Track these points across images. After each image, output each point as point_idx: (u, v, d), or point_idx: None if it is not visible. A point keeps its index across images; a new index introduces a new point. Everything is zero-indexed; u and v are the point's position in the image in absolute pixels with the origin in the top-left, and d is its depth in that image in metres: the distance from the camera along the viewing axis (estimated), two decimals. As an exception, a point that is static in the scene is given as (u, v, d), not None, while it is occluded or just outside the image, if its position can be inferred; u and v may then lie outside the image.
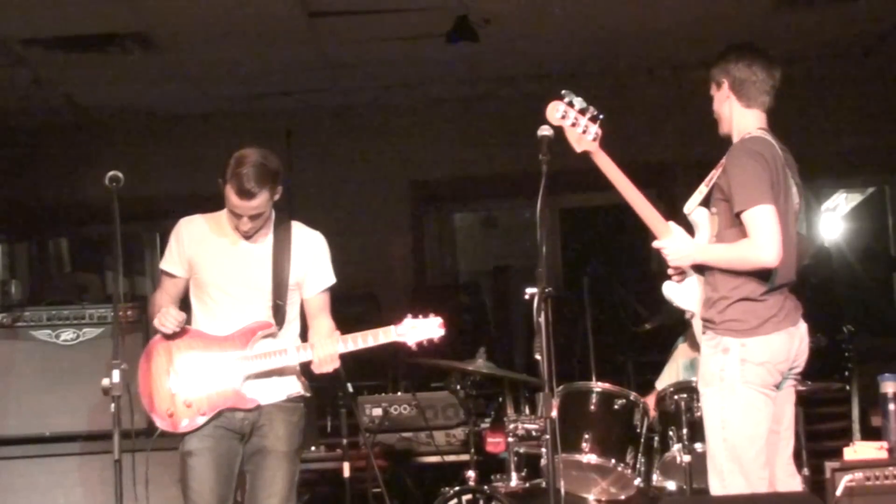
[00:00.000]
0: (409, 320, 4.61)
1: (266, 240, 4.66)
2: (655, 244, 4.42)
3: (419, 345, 4.63)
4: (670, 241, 4.40)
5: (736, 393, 4.22)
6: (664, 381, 5.82)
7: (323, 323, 4.71)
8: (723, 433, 4.25)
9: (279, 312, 4.61)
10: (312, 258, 4.70)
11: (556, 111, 4.37)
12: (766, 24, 7.20)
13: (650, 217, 4.41)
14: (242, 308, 4.59)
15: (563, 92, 4.38)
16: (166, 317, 4.51)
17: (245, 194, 4.44)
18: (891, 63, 8.47)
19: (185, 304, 4.70)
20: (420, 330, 4.62)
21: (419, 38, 7.56)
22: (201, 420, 4.53)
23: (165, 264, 4.69)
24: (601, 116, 4.36)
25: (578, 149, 4.38)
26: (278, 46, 7.64)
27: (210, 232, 4.64)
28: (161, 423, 4.53)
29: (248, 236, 4.60)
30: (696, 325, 4.48)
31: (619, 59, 8.24)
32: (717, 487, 4.29)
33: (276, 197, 4.61)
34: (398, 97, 8.80)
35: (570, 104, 4.36)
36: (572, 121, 4.35)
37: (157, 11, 6.88)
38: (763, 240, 4.17)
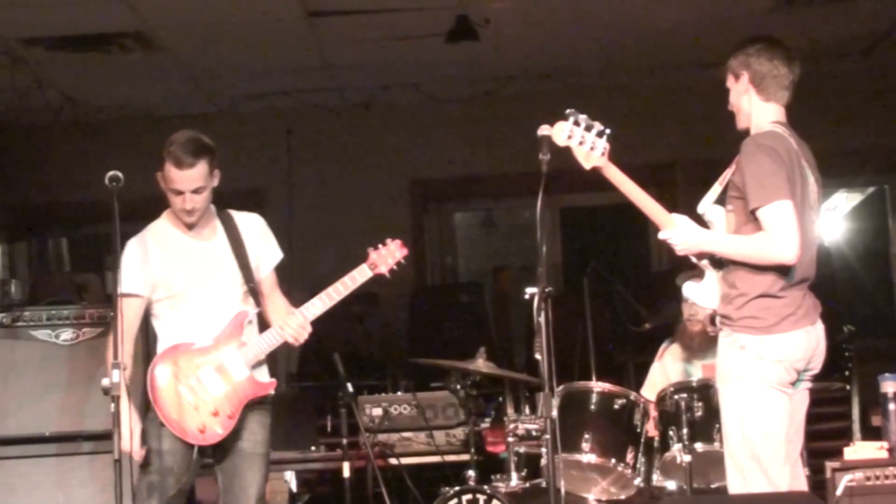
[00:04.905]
0: (373, 253, 4.73)
1: (218, 233, 4.72)
2: (661, 235, 4.38)
3: (392, 271, 4.75)
4: (676, 230, 4.36)
5: (753, 390, 4.19)
6: (654, 388, 5.81)
7: (279, 300, 4.82)
8: (741, 431, 4.22)
9: (255, 294, 4.71)
10: (262, 239, 4.80)
11: (562, 132, 4.31)
12: (766, 24, 7.18)
13: (659, 216, 4.38)
14: (218, 307, 4.64)
15: (567, 111, 4.34)
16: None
17: (183, 164, 4.54)
18: (891, 63, 8.47)
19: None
20: (388, 256, 4.75)
21: (419, 38, 7.55)
22: (231, 423, 4.58)
23: (130, 286, 4.54)
24: (608, 131, 4.33)
25: (587, 166, 4.33)
26: (278, 46, 7.64)
27: (163, 244, 4.66)
28: (196, 440, 4.53)
29: (192, 221, 4.64)
30: (718, 321, 4.44)
31: (619, 59, 8.24)
32: (737, 485, 4.26)
33: (215, 181, 4.68)
34: (398, 97, 8.80)
35: (576, 123, 4.32)
36: (579, 139, 4.32)
37: (157, 11, 6.88)
38: (782, 236, 4.14)
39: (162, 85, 8.32)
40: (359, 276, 4.71)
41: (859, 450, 5.06)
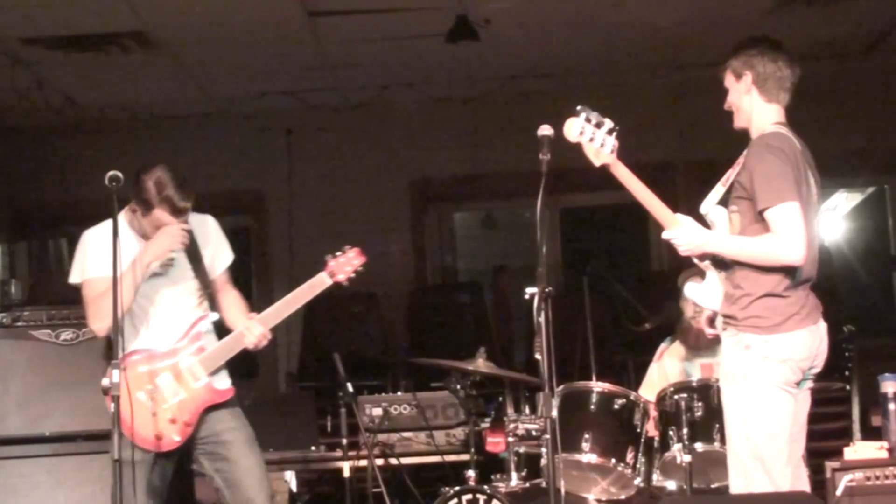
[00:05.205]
0: (331, 261, 4.77)
1: None
2: (665, 234, 4.38)
3: (349, 279, 4.77)
4: (680, 231, 4.36)
5: (759, 390, 4.19)
6: (653, 388, 5.81)
7: (232, 297, 4.83)
8: (745, 430, 4.22)
9: (211, 299, 4.72)
10: (215, 240, 4.81)
11: (573, 128, 4.33)
12: (766, 24, 7.19)
13: (664, 216, 4.39)
14: (174, 313, 4.64)
15: (578, 108, 4.35)
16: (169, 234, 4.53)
17: (181, 212, 4.54)
18: (891, 63, 8.47)
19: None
20: (346, 264, 4.77)
21: (419, 38, 7.56)
22: (189, 430, 4.57)
23: (97, 270, 4.54)
24: (617, 128, 4.34)
25: (597, 163, 4.34)
26: (278, 46, 7.64)
27: (120, 245, 4.59)
28: (152, 447, 4.53)
29: None
30: (718, 322, 4.44)
31: (619, 59, 8.24)
32: (739, 485, 4.26)
33: None
34: (398, 97, 8.80)
35: (587, 119, 4.33)
36: (590, 136, 4.33)
37: (157, 11, 6.89)
38: (790, 238, 4.15)
39: (162, 85, 8.32)
40: (318, 285, 4.73)
41: (859, 450, 5.06)
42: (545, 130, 4.22)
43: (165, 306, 4.64)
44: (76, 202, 8.78)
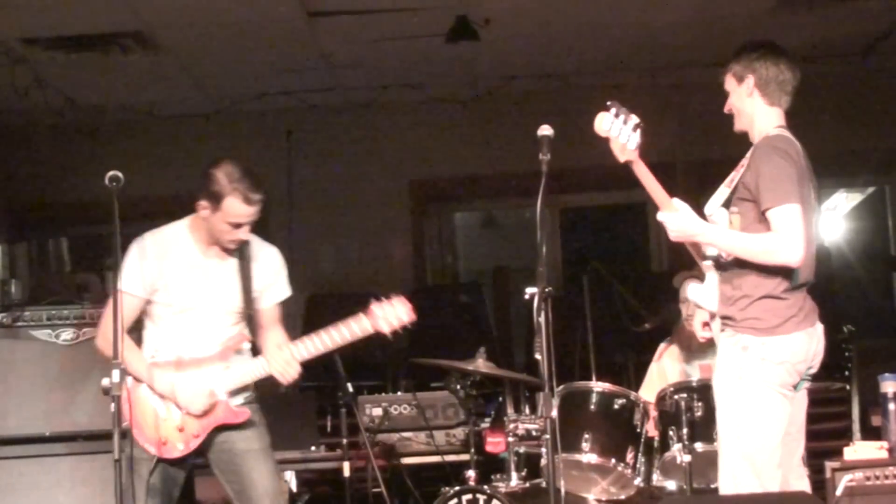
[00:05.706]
0: (376, 309, 4.58)
1: (231, 255, 4.68)
2: (659, 216, 4.39)
3: (394, 331, 4.62)
4: (674, 215, 4.35)
5: (754, 391, 4.20)
6: (653, 388, 5.81)
7: (277, 333, 4.76)
8: (737, 431, 4.23)
9: (250, 322, 4.70)
10: (274, 270, 4.76)
11: (604, 122, 4.33)
12: (766, 24, 7.20)
13: (665, 206, 4.38)
14: (210, 327, 4.63)
15: (608, 102, 4.35)
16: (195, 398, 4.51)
17: (253, 202, 4.51)
18: (891, 63, 8.47)
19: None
20: (391, 317, 4.60)
21: (419, 38, 7.56)
22: (195, 443, 4.57)
23: (133, 287, 4.57)
24: (642, 125, 4.35)
25: (622, 158, 4.35)
26: (278, 46, 7.64)
27: (173, 250, 4.62)
28: (155, 451, 4.54)
29: (235, 247, 4.63)
30: (716, 324, 4.44)
31: (619, 59, 8.24)
32: (728, 486, 4.27)
33: None
34: (398, 97, 8.80)
35: (616, 115, 4.34)
36: (618, 131, 4.34)
37: (157, 11, 6.88)
38: (789, 238, 4.16)
39: (162, 85, 8.31)
40: (358, 330, 4.61)
41: (859, 450, 5.07)
42: (545, 130, 4.22)
43: (203, 320, 4.62)
44: (76, 202, 8.80)
